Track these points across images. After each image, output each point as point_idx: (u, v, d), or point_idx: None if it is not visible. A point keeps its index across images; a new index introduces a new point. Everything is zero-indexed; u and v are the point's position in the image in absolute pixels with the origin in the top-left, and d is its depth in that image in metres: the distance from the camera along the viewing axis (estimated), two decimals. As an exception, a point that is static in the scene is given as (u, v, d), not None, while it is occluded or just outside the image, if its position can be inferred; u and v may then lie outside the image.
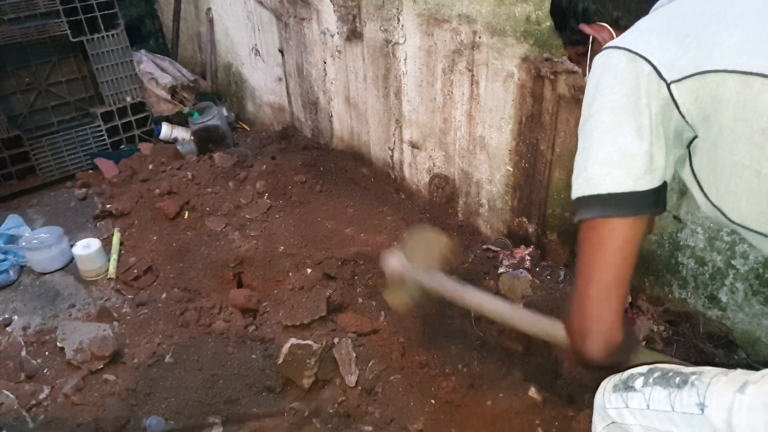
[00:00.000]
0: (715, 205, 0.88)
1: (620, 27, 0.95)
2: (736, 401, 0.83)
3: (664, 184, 0.86)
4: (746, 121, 0.77)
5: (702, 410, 0.86)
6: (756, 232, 0.84)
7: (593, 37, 1.05)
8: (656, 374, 0.96)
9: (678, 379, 0.92)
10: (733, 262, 1.76)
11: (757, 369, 0.87)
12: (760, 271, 1.70)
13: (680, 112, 0.83)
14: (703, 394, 0.87)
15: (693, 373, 0.92)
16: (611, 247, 0.86)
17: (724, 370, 0.89)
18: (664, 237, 1.91)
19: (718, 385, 0.87)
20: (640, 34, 0.88)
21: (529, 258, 2.29)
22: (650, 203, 0.85)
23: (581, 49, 1.10)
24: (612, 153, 0.84)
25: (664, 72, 0.81)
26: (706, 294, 1.87)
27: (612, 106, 0.84)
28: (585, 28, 1.05)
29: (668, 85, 0.81)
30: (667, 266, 1.94)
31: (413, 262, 1.53)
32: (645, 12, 0.97)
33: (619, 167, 0.83)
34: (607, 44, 0.90)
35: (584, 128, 0.89)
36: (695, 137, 0.85)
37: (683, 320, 1.91)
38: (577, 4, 1.06)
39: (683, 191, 1.79)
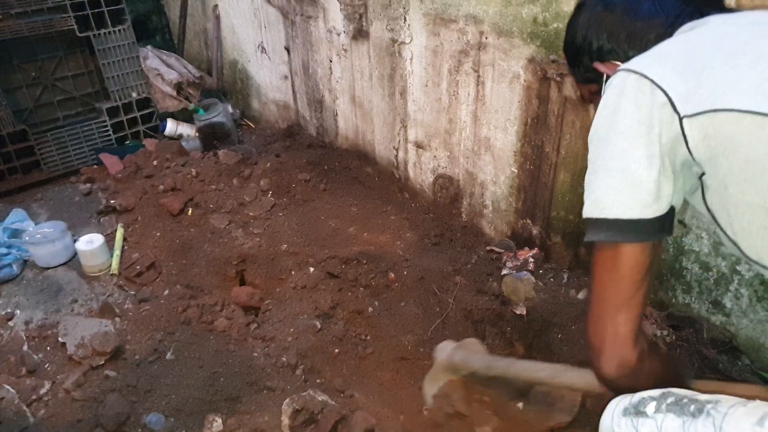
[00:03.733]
0: (731, 240, 0.87)
1: None
2: None
3: (672, 209, 0.87)
4: (757, 162, 0.76)
5: None
6: None
7: (607, 76, 1.02)
8: (669, 400, 0.91)
9: (693, 407, 0.88)
10: (737, 267, 1.74)
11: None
12: (766, 276, 1.68)
13: (688, 148, 0.81)
14: (719, 426, 0.83)
15: (708, 402, 0.87)
16: (620, 270, 0.88)
17: (742, 400, 0.85)
18: (668, 241, 1.90)
19: (736, 416, 0.83)
20: (657, 59, 0.86)
21: (532, 260, 2.28)
22: (656, 230, 0.86)
23: (594, 88, 1.08)
24: (621, 179, 0.84)
25: (678, 105, 0.80)
26: (711, 299, 1.86)
27: (624, 131, 0.84)
28: (599, 66, 1.03)
29: (680, 119, 0.80)
30: (672, 270, 1.93)
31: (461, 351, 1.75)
32: None
33: (628, 194, 0.84)
34: (624, 66, 0.88)
35: (595, 148, 0.89)
36: (704, 173, 0.84)
37: (687, 325, 1.90)
38: (591, 42, 1.03)
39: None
